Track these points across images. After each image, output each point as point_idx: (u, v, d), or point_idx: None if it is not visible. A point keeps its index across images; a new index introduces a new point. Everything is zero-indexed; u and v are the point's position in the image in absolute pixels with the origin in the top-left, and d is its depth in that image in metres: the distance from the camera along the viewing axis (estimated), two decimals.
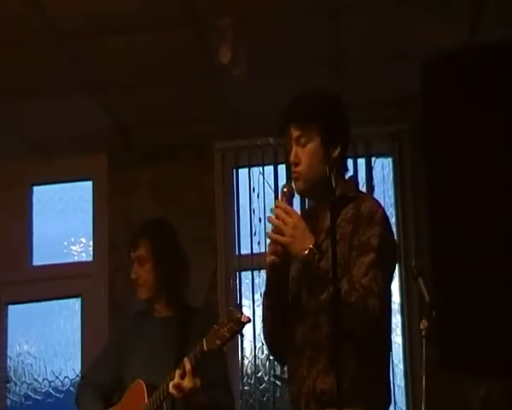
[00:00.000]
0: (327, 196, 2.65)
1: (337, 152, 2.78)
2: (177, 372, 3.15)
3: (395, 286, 4.64)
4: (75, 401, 3.66)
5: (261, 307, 2.96)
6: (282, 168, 5.17)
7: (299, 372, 2.74)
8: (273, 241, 2.71)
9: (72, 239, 5.57)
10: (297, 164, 2.79)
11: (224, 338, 3.03)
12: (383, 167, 5.28)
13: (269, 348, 3.07)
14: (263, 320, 2.92)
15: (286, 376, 4.95)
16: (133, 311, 3.71)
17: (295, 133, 2.79)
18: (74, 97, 4.77)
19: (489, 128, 3.02)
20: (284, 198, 2.78)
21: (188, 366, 3.13)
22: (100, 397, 3.54)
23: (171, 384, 3.17)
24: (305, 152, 2.78)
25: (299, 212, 4.97)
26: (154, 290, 3.53)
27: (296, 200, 2.92)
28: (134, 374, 3.44)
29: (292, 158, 2.80)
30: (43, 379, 5.39)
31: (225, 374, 3.49)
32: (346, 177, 2.91)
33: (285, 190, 2.80)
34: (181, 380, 3.13)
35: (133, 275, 3.56)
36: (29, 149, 5.32)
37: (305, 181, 2.79)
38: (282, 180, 5.06)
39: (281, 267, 2.74)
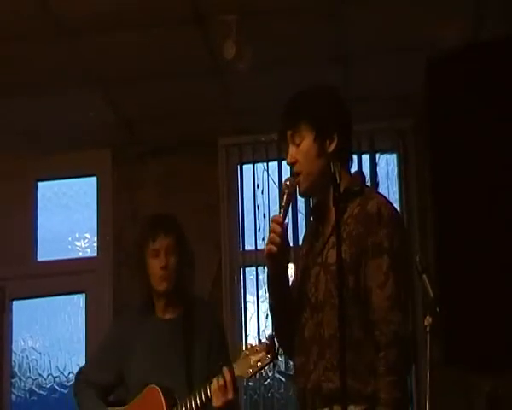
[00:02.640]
0: (331, 191, 2.67)
1: (334, 145, 2.77)
2: (217, 382, 3.11)
3: None
4: (74, 396, 3.64)
5: (266, 302, 2.97)
6: (286, 164, 5.15)
7: (306, 369, 2.73)
8: (272, 231, 2.74)
9: (77, 235, 5.58)
10: (293, 164, 2.82)
11: (257, 368, 3.01)
12: (387, 163, 5.27)
13: (277, 341, 3.08)
14: (270, 312, 2.94)
15: (290, 372, 4.98)
16: (134, 308, 3.67)
17: (289, 133, 2.82)
18: (78, 92, 4.76)
19: (493, 123, 3.01)
20: (287, 192, 2.80)
21: (228, 376, 3.09)
22: (101, 397, 3.52)
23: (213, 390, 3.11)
24: (299, 151, 2.80)
25: (302, 205, 4.96)
26: (175, 285, 3.49)
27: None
28: (140, 375, 3.40)
29: (288, 159, 2.83)
30: (48, 374, 5.40)
31: None
32: (352, 171, 2.90)
33: (287, 183, 2.82)
34: (223, 389, 3.10)
35: (163, 262, 3.46)
36: (33, 144, 5.33)
37: (306, 180, 2.81)
38: (287, 176, 5.04)
39: (278, 257, 2.75)
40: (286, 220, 2.78)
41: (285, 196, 2.80)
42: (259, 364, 2.99)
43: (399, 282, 2.65)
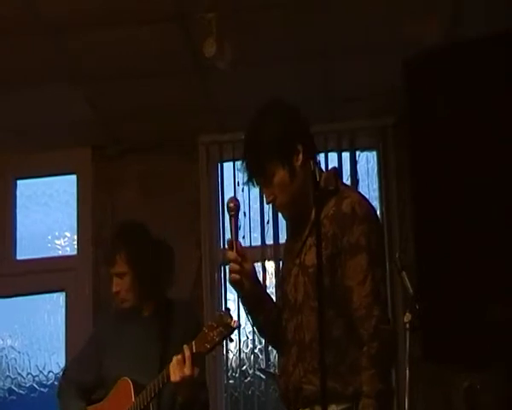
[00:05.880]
0: (309, 193, 2.72)
1: (301, 155, 2.78)
2: (176, 358, 3.14)
3: None
4: (57, 397, 3.68)
5: None
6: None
7: (287, 369, 2.77)
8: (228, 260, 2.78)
9: (57, 233, 5.55)
10: (273, 201, 2.84)
11: (214, 342, 3.06)
12: (368, 161, 5.29)
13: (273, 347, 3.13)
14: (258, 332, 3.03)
15: (270, 370, 5.00)
16: (114, 308, 3.71)
17: (258, 180, 2.84)
18: (59, 90, 4.74)
19: (470, 121, 3.04)
20: (232, 213, 2.82)
21: (187, 352, 3.12)
22: (81, 395, 3.56)
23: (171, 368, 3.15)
24: (274, 186, 2.80)
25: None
26: (137, 300, 3.55)
27: None
28: (117, 373, 3.44)
29: (267, 199, 2.86)
30: (27, 374, 5.37)
31: (203, 367, 3.51)
32: (329, 168, 2.92)
33: (231, 205, 2.84)
34: (181, 364, 3.13)
35: (115, 288, 3.56)
36: (12, 142, 5.30)
37: (288, 208, 2.85)
38: None
39: (244, 281, 2.79)
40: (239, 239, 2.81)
41: (232, 219, 2.82)
42: (216, 338, 3.04)
43: (377, 278, 2.69)
